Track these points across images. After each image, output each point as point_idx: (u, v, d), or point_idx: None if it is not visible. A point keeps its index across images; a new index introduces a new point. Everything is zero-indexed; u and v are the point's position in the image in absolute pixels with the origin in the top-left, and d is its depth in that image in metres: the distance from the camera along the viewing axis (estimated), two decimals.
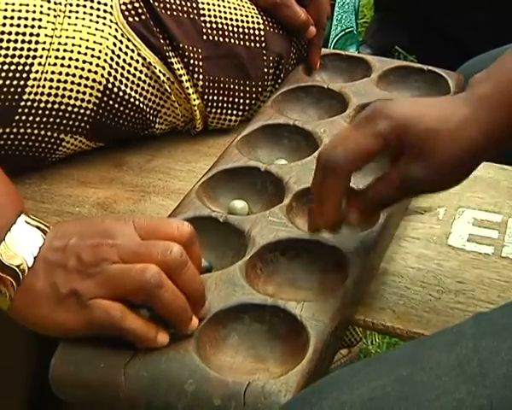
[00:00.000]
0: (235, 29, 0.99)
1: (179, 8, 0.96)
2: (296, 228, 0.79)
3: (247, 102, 1.01)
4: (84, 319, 0.65)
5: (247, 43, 1.00)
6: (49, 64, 0.88)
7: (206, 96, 0.98)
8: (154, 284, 0.64)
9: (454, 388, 0.54)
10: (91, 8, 0.91)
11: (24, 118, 0.88)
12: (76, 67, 0.89)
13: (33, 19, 0.87)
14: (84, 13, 0.90)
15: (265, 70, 1.01)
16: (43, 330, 0.67)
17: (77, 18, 0.90)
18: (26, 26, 0.87)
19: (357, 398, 0.56)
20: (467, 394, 0.54)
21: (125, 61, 0.92)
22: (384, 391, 0.56)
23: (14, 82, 0.86)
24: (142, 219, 0.69)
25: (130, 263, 0.66)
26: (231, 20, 1.00)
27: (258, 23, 1.01)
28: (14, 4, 0.87)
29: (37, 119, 0.88)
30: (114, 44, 0.91)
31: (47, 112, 0.89)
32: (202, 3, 0.98)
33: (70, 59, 0.88)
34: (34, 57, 0.87)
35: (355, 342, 1.30)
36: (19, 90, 0.86)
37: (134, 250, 0.66)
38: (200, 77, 0.96)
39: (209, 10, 0.98)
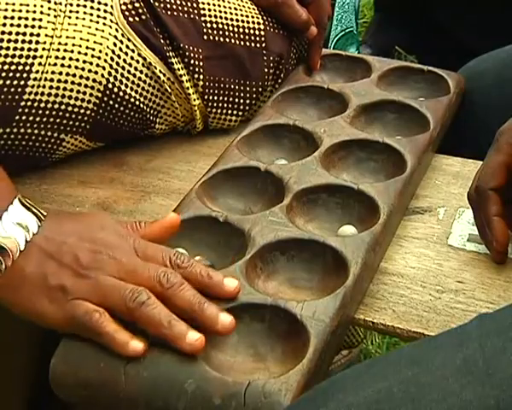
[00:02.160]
0: (236, 29, 0.99)
1: (179, 8, 0.96)
2: (296, 228, 0.79)
3: (247, 102, 1.01)
4: (64, 315, 0.66)
5: (248, 44, 1.00)
6: (49, 64, 0.87)
7: (206, 96, 0.98)
8: (139, 303, 0.65)
9: (460, 389, 0.54)
10: (91, 8, 0.90)
11: (24, 118, 0.88)
12: (76, 67, 0.89)
13: (33, 19, 0.87)
14: (85, 13, 0.90)
15: (265, 70, 1.01)
16: (20, 313, 0.68)
17: (77, 18, 0.89)
18: (26, 26, 0.87)
19: (362, 400, 0.56)
20: (474, 394, 0.54)
21: (125, 61, 0.91)
22: (390, 392, 0.56)
23: (15, 82, 0.86)
24: (142, 243, 0.70)
25: (124, 280, 0.67)
26: (232, 20, 0.99)
27: (259, 23, 1.01)
28: (14, 4, 0.87)
29: (38, 119, 0.88)
30: (115, 44, 0.91)
31: (47, 112, 0.89)
32: (203, 3, 0.98)
33: (70, 59, 0.88)
34: (34, 57, 0.87)
35: (356, 343, 1.29)
36: (19, 90, 0.86)
37: (131, 269, 0.67)
38: (201, 77, 0.96)
39: (209, 10, 0.98)
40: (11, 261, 0.67)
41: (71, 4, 0.90)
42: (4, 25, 0.86)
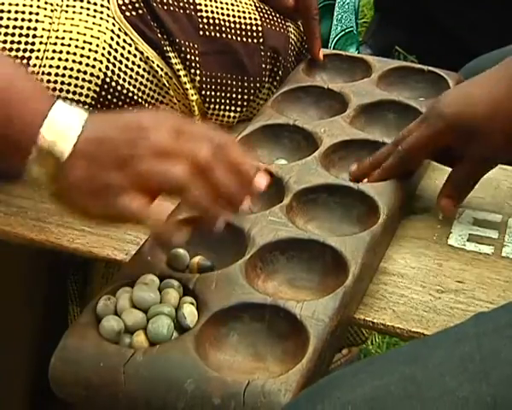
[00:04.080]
0: (232, 25, 0.99)
1: (175, 3, 0.96)
2: (296, 228, 0.79)
3: (245, 97, 1.00)
4: (111, 209, 0.69)
5: (244, 39, 1.00)
6: (46, 58, 0.87)
7: (203, 92, 0.97)
8: (180, 181, 0.67)
9: (457, 386, 0.54)
10: (88, 2, 0.90)
11: None
12: (73, 61, 0.88)
13: (30, 13, 0.87)
14: (81, 7, 0.90)
15: (263, 66, 1.01)
16: (72, 212, 0.72)
17: (74, 12, 0.89)
18: (23, 19, 0.86)
19: (360, 397, 0.56)
20: (470, 392, 0.54)
21: (122, 55, 0.91)
22: (387, 390, 0.56)
23: None
24: (179, 120, 0.72)
25: (162, 159, 0.68)
26: (228, 15, 0.99)
27: (255, 19, 1.01)
28: None
29: None
30: (112, 39, 0.91)
31: None
32: None
33: (67, 53, 0.88)
34: (32, 51, 0.86)
35: (360, 341, 1.29)
36: None
37: (167, 148, 0.68)
38: (198, 72, 0.96)
39: (206, 6, 0.98)
40: (57, 166, 0.68)
41: None
42: (1, 18, 0.86)
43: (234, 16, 1.00)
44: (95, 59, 0.89)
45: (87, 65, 0.89)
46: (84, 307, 0.71)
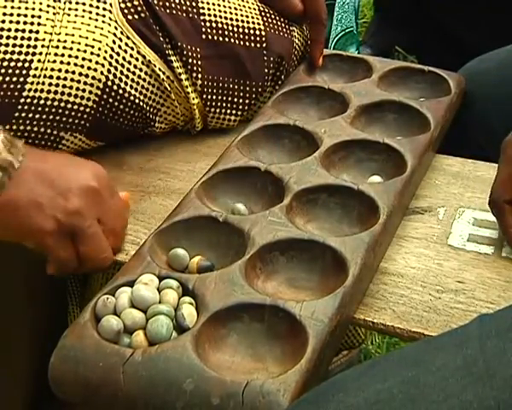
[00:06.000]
0: (236, 29, 0.99)
1: (178, 6, 0.96)
2: (296, 228, 0.79)
3: (247, 102, 1.00)
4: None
5: (248, 44, 1.00)
6: (48, 61, 0.87)
7: (205, 96, 0.97)
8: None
9: (461, 389, 0.54)
10: (91, 5, 0.90)
11: (23, 115, 0.87)
12: (75, 65, 0.89)
13: (33, 16, 0.87)
14: (84, 10, 0.90)
15: (266, 70, 1.01)
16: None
17: (76, 15, 0.89)
18: (25, 23, 0.87)
19: (363, 401, 0.56)
20: (474, 395, 0.54)
21: (124, 58, 0.91)
22: (390, 393, 0.56)
23: (14, 79, 0.86)
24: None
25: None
26: (231, 19, 0.99)
27: (259, 23, 1.01)
28: (13, 1, 0.87)
29: (37, 116, 0.88)
30: (114, 42, 0.91)
31: (46, 109, 0.89)
32: (202, 2, 0.98)
33: (69, 56, 0.88)
34: (34, 54, 0.86)
35: (357, 343, 1.29)
36: (18, 87, 0.86)
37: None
38: (199, 76, 0.96)
39: (209, 9, 0.98)
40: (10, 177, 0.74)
41: (70, 2, 0.90)
42: (3, 21, 0.86)
43: (237, 20, 1.00)
44: (97, 62, 0.90)
45: (89, 68, 0.89)
46: (84, 307, 0.71)
